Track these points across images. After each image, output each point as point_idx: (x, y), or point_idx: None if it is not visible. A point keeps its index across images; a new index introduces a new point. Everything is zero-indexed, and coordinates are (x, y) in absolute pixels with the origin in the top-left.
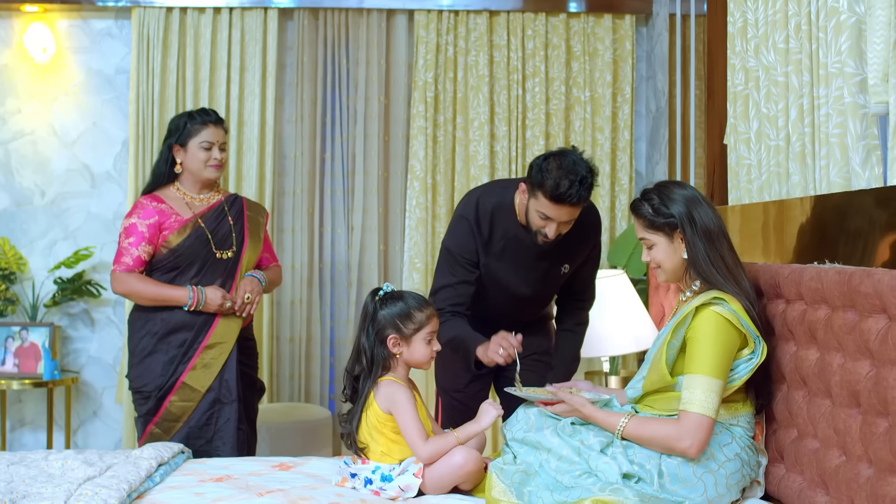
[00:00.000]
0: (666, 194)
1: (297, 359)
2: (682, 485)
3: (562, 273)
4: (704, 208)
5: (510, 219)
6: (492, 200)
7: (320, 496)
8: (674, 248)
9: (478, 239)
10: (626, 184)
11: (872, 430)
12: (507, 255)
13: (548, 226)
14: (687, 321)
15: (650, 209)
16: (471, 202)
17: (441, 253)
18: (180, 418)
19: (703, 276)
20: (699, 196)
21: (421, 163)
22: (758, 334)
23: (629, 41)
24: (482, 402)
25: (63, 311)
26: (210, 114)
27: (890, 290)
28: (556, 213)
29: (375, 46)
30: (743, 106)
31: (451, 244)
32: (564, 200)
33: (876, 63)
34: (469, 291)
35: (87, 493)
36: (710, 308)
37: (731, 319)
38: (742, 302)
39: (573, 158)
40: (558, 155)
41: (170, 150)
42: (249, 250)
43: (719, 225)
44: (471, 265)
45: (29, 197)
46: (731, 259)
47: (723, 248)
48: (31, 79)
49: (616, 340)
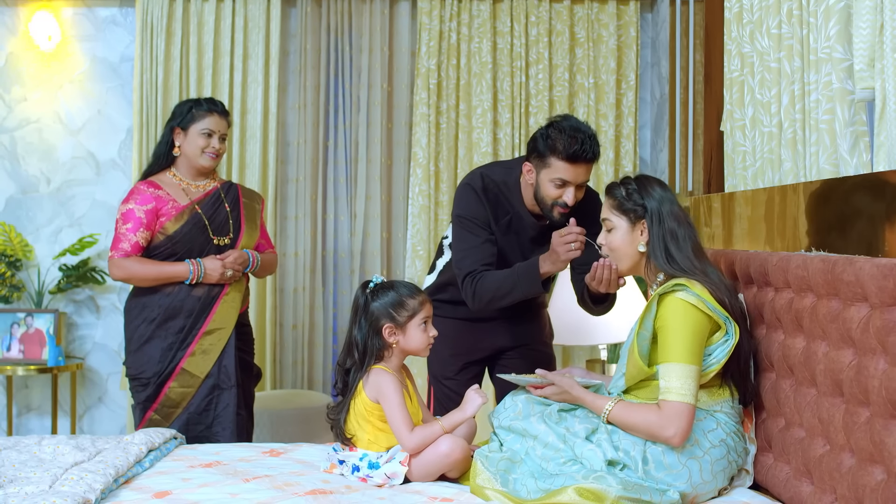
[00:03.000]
0: (644, 186)
1: (300, 346)
2: (667, 472)
3: None
4: (678, 211)
5: (515, 196)
6: (496, 175)
7: (306, 482)
8: (632, 238)
9: (486, 205)
10: (631, 171)
11: (854, 420)
12: (511, 231)
13: (566, 192)
14: (652, 310)
15: (624, 192)
16: (475, 174)
17: (454, 224)
18: (179, 404)
19: (663, 269)
20: (675, 199)
21: (424, 150)
22: (727, 315)
23: (633, 28)
24: None
25: (68, 298)
26: (217, 104)
27: (870, 278)
28: (573, 175)
29: (378, 33)
30: (739, 92)
31: (462, 212)
32: (580, 158)
33: (862, 48)
34: (493, 251)
35: (73, 478)
36: (673, 295)
37: (697, 304)
38: (707, 286)
39: (573, 121)
40: (558, 121)
41: (171, 133)
42: (246, 237)
43: (688, 230)
44: (486, 225)
45: (35, 184)
46: (696, 260)
47: (687, 249)
48: (37, 67)
49: (614, 328)
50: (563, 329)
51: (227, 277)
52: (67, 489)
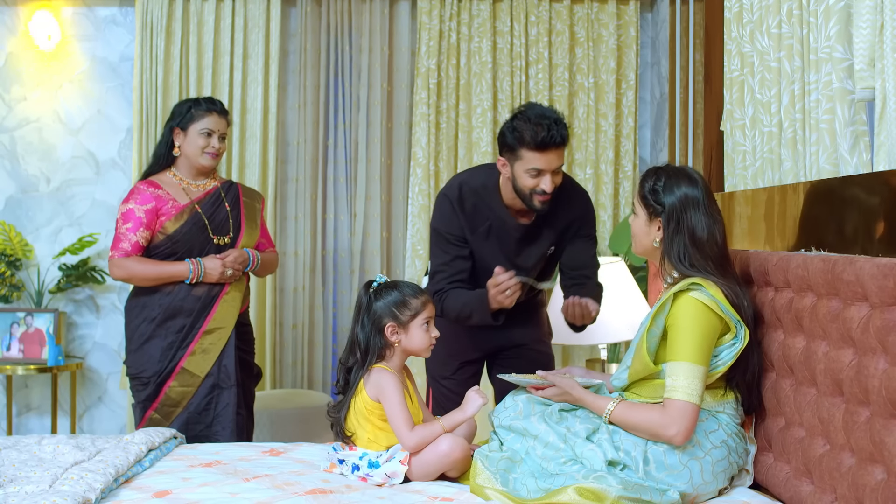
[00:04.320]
0: (671, 183)
1: (300, 345)
2: (668, 472)
3: (547, 254)
4: (699, 214)
5: (495, 200)
6: (476, 182)
7: (306, 481)
8: (647, 230)
9: (461, 217)
10: (630, 171)
11: (854, 419)
12: (492, 237)
13: (542, 180)
14: (666, 308)
15: (650, 186)
16: (454, 183)
17: (431, 235)
18: (179, 403)
19: (676, 269)
20: (702, 199)
21: (424, 150)
22: (739, 319)
23: (633, 27)
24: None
25: (68, 298)
26: (216, 103)
27: (871, 278)
28: (545, 162)
29: (378, 33)
30: (739, 92)
31: (437, 224)
32: (549, 144)
33: (862, 48)
34: (466, 266)
35: (73, 478)
36: (688, 294)
37: (710, 305)
38: (722, 288)
39: (538, 108)
40: (523, 111)
41: (171, 133)
42: (246, 236)
43: (711, 231)
44: (460, 241)
45: (34, 184)
46: (717, 262)
47: (708, 251)
48: (37, 66)
49: (614, 328)
50: (563, 328)
51: (226, 277)
52: (67, 489)
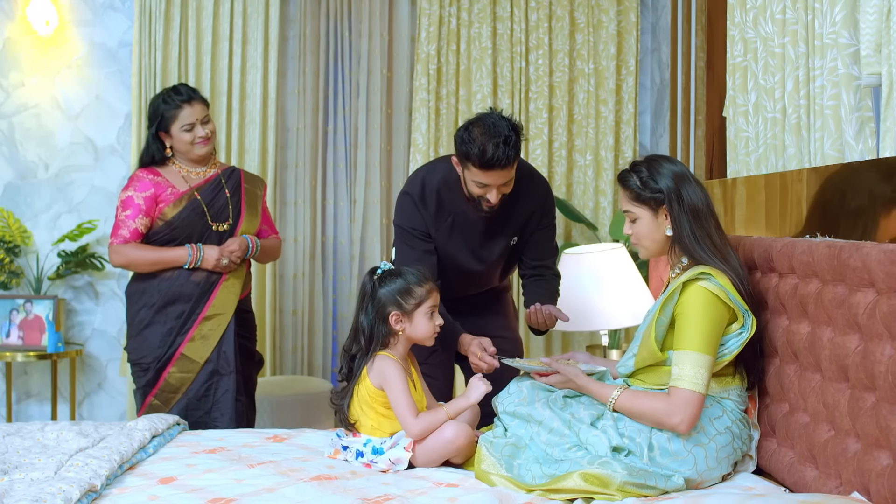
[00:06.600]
0: (655, 168)
1: (300, 332)
2: (672, 458)
3: (511, 245)
4: (693, 186)
5: (456, 195)
6: (437, 177)
7: (311, 468)
8: (657, 224)
9: (423, 213)
10: (630, 157)
11: (860, 405)
12: (455, 231)
13: (488, 192)
14: (675, 297)
15: (638, 181)
16: (416, 179)
17: (395, 233)
18: (179, 389)
19: (689, 253)
20: (688, 173)
21: (423, 136)
22: (746, 308)
23: (634, 13)
24: (445, 372)
25: (67, 284)
26: (181, 92)
27: (878, 263)
28: (490, 179)
29: (378, 19)
30: (742, 78)
31: (400, 221)
32: (494, 165)
33: (869, 33)
34: (433, 261)
35: (78, 464)
36: (697, 283)
37: (720, 294)
38: (730, 277)
39: (493, 120)
40: (477, 121)
41: (156, 137)
42: (246, 222)
43: (707, 203)
44: (425, 236)
45: (33, 170)
46: (718, 237)
47: (710, 226)
48: (35, 52)
49: (615, 314)
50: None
51: (221, 266)
52: (73, 475)
